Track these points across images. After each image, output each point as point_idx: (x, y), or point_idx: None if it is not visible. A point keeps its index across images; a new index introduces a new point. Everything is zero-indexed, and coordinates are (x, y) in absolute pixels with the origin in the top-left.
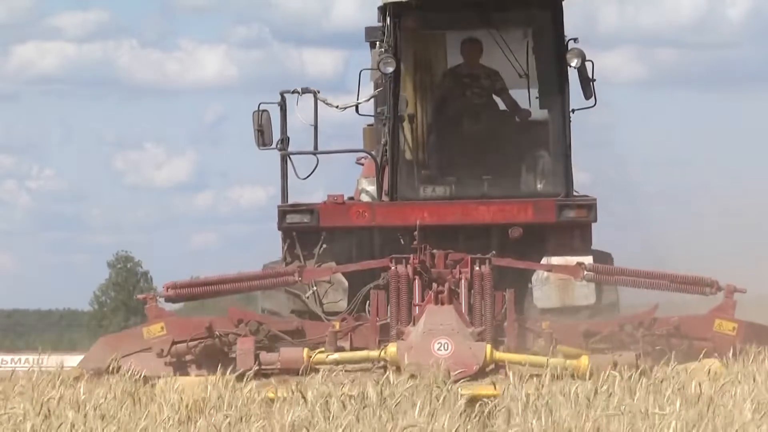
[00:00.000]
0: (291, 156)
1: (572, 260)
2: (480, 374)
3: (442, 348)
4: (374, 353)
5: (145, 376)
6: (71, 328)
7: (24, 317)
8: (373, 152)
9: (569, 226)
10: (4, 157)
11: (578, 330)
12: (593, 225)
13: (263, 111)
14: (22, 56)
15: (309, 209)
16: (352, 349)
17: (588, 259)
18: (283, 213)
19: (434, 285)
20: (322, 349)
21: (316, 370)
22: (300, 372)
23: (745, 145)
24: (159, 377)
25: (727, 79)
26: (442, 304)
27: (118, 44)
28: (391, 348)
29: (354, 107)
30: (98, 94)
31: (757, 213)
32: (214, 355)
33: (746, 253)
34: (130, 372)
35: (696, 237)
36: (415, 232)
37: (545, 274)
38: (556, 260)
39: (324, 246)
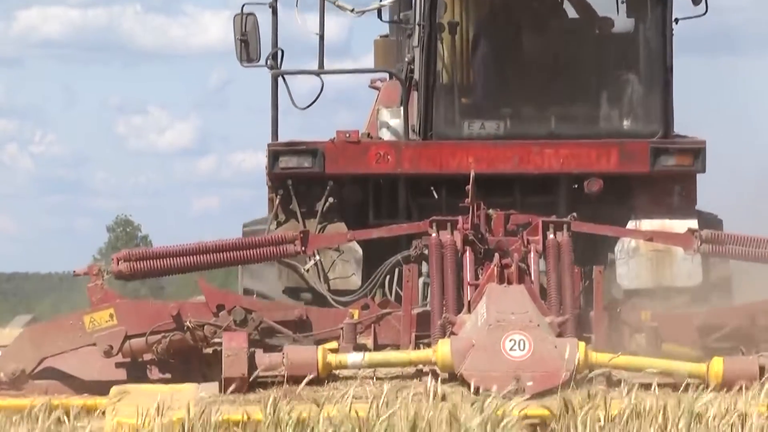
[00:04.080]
0: (286, 76)
1: (671, 225)
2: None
3: (516, 347)
4: (421, 354)
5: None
6: (71, 292)
7: (24, 281)
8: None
9: (668, 179)
10: (7, 121)
11: (691, 322)
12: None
13: (248, 15)
14: (26, 21)
15: (310, 149)
16: (377, 347)
17: (693, 224)
18: (274, 154)
19: (496, 257)
20: (332, 344)
21: (335, 378)
22: (309, 379)
23: None
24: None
25: None
26: (509, 283)
27: (122, 9)
28: (443, 347)
29: (375, 12)
30: (102, 59)
31: None
32: (183, 355)
33: None
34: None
35: None
36: (468, 186)
37: (633, 243)
38: (647, 224)
39: (330, 200)
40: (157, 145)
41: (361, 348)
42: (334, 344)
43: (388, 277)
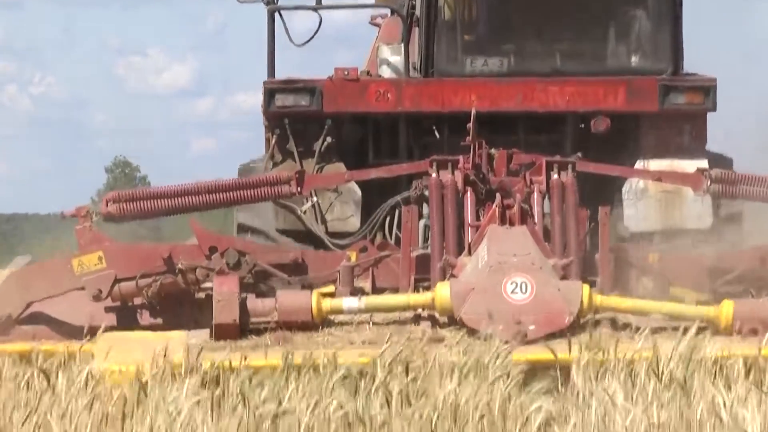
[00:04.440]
0: (282, 12)
1: (680, 165)
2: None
3: (518, 290)
4: (419, 298)
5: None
6: (71, 233)
7: (23, 222)
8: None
9: (677, 117)
10: (6, 62)
11: (700, 265)
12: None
13: None
14: None
15: (308, 87)
16: (375, 290)
17: (703, 164)
18: (270, 92)
19: (497, 198)
20: (329, 288)
21: (330, 323)
22: (304, 325)
23: None
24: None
25: None
26: (511, 224)
27: None
28: (442, 290)
29: None
30: (101, 1)
31: None
32: (174, 299)
33: None
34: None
35: None
36: (469, 124)
37: (641, 184)
38: (656, 164)
39: (328, 140)
40: (155, 86)
41: (358, 291)
42: (330, 288)
43: (387, 218)
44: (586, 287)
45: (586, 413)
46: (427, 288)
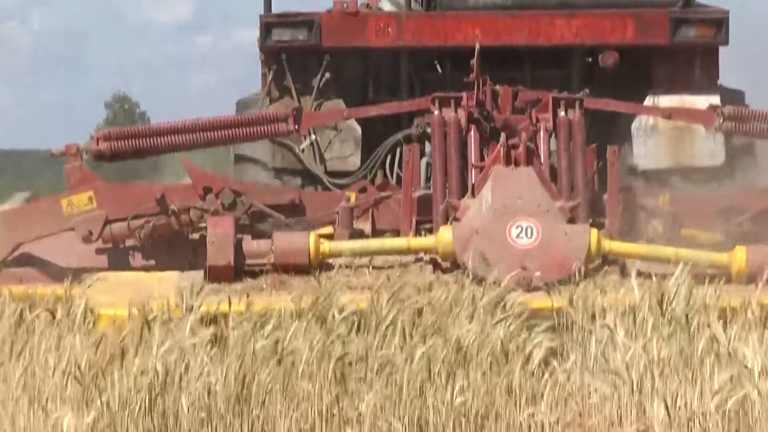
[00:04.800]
0: None
1: (691, 101)
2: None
3: (523, 235)
4: (421, 242)
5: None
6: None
7: (22, 157)
8: None
9: (688, 51)
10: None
11: (713, 206)
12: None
13: None
14: None
15: (306, 21)
16: (375, 232)
17: (715, 100)
18: (267, 26)
19: (502, 137)
20: (328, 230)
21: (328, 267)
22: (301, 268)
23: None
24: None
25: None
26: (516, 165)
27: None
28: (445, 234)
29: None
30: None
31: None
32: (168, 241)
33: None
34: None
35: None
36: (472, 60)
37: (651, 120)
38: (666, 100)
39: (327, 76)
40: (155, 21)
41: (358, 233)
42: (329, 229)
43: (388, 157)
44: (594, 232)
45: (586, 349)
46: (430, 231)
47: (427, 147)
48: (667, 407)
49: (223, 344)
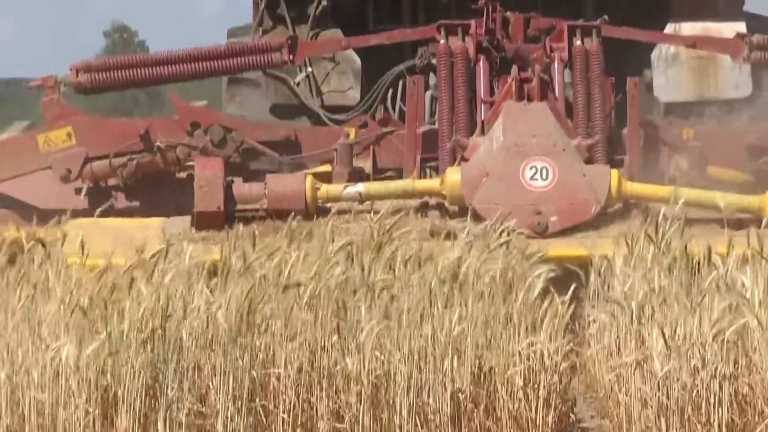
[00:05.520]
0: None
1: (716, 28)
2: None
3: (538, 176)
4: (426, 184)
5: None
6: (68, 98)
7: (21, 86)
8: None
9: None
10: None
11: (740, 141)
12: None
13: None
14: None
15: None
16: (377, 173)
17: (740, 27)
18: None
19: (514, 69)
20: (325, 168)
21: (325, 212)
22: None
23: None
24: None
25: None
26: (530, 100)
27: None
28: (452, 176)
29: None
30: None
31: None
32: (153, 180)
33: None
34: None
35: None
36: None
37: (672, 50)
38: (689, 28)
39: (323, 3)
40: None
41: (358, 172)
42: (327, 167)
43: (390, 90)
44: (614, 173)
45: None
46: (435, 169)
47: (432, 79)
48: (665, 336)
49: (224, 274)
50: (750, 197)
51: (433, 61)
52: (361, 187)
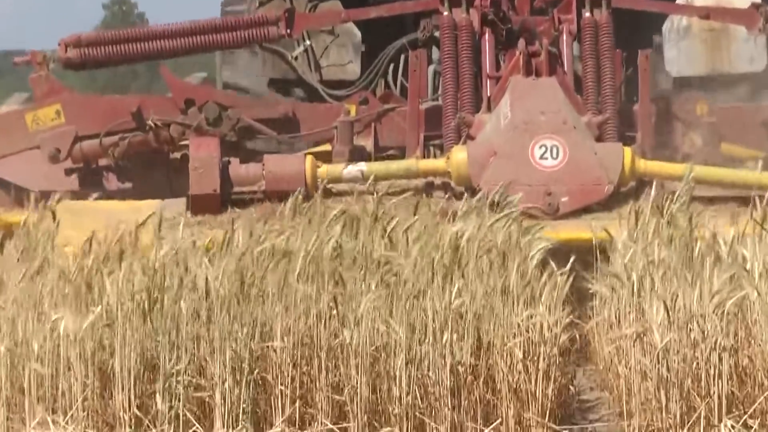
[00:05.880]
0: None
1: None
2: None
3: (548, 155)
4: (431, 164)
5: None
6: (66, 75)
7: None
8: None
9: None
10: None
11: (755, 117)
12: None
13: None
14: None
15: None
16: (379, 152)
17: None
18: None
19: (521, 42)
20: (325, 147)
21: (326, 194)
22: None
23: None
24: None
25: None
26: (538, 75)
27: None
28: (458, 155)
29: None
30: None
31: None
32: (145, 160)
33: None
34: None
35: None
36: None
37: (684, 21)
38: None
39: None
40: None
41: (359, 151)
42: (327, 147)
43: (391, 65)
44: (627, 150)
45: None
46: (439, 147)
47: (435, 53)
48: (666, 308)
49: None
50: (765, 174)
51: (436, 34)
52: (363, 166)
